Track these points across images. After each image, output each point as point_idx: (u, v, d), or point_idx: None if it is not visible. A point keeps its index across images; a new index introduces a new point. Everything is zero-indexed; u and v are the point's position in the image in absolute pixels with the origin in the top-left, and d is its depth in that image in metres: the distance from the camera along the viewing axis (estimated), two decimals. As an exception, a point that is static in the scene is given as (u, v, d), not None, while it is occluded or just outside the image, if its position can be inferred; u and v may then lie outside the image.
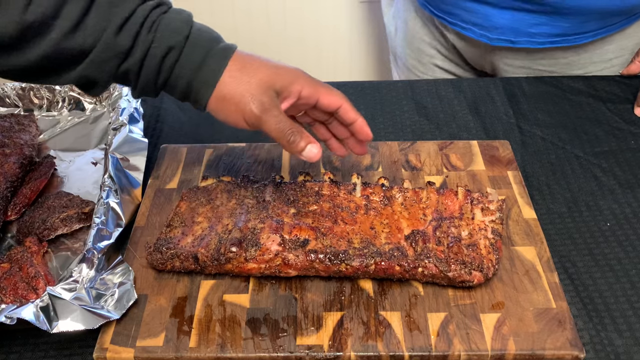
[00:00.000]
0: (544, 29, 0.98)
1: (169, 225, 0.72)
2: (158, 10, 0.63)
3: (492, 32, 1.01)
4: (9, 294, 0.66)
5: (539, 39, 1.00)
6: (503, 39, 1.01)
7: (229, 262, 0.67)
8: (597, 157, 0.87)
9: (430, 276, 0.66)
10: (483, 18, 1.00)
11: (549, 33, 0.99)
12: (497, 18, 0.99)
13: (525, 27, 0.98)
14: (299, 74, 0.65)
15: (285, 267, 0.67)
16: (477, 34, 1.03)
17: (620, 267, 0.72)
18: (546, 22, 0.97)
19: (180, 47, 0.62)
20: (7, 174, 0.78)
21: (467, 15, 1.01)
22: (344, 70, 1.89)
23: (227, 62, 0.63)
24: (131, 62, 0.62)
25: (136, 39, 0.62)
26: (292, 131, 0.63)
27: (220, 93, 0.63)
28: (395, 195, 0.75)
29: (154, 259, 0.69)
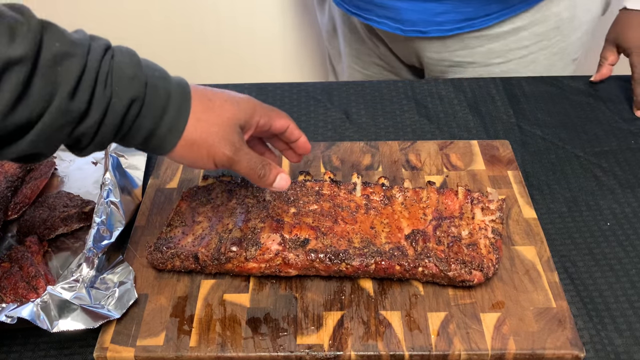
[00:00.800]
0: (450, 16, 1.02)
1: (169, 224, 0.72)
2: (107, 57, 0.55)
3: (404, 24, 1.05)
4: (10, 294, 0.66)
5: (446, 26, 1.03)
6: (414, 30, 1.05)
7: (229, 261, 0.67)
8: (597, 157, 0.87)
9: (430, 276, 0.66)
10: (394, 11, 1.03)
11: (454, 19, 1.02)
12: (407, 10, 1.02)
13: (432, 16, 1.02)
14: (255, 104, 0.64)
15: (286, 267, 0.67)
16: (391, 27, 1.06)
17: (621, 267, 0.72)
18: (451, 9, 1.01)
19: (141, 96, 0.56)
20: (7, 174, 0.78)
21: (379, 10, 1.05)
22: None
23: (189, 104, 0.59)
24: (88, 124, 0.54)
25: (92, 99, 0.53)
26: (262, 166, 0.63)
27: (188, 139, 0.59)
28: (395, 194, 0.75)
29: (154, 259, 0.69)
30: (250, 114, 0.63)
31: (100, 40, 0.55)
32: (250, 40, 1.78)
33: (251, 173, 0.63)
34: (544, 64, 1.08)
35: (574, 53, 1.10)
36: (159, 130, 0.57)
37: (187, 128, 0.58)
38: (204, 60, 1.79)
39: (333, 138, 0.92)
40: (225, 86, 1.02)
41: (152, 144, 0.58)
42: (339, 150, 0.86)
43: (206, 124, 0.59)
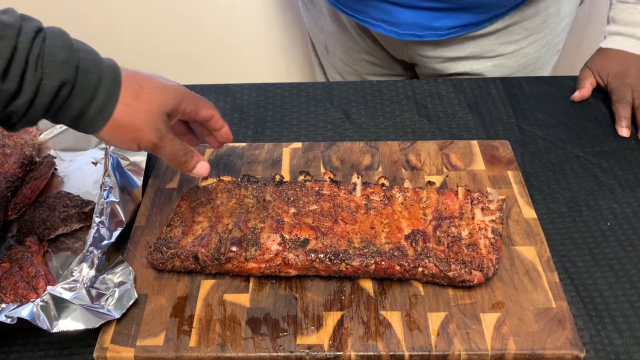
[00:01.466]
0: (446, 22, 1.04)
1: (169, 224, 0.72)
2: (38, 40, 0.56)
3: (400, 28, 1.06)
4: (9, 294, 0.66)
5: (442, 31, 1.05)
6: (410, 34, 1.06)
7: (229, 261, 0.67)
8: (597, 157, 0.87)
9: (430, 276, 0.66)
10: (390, 15, 1.05)
11: (450, 26, 1.04)
12: (403, 15, 1.04)
13: (428, 21, 1.04)
14: (183, 93, 0.66)
15: (286, 267, 0.67)
16: (387, 30, 1.07)
17: (620, 267, 0.72)
18: (447, 16, 1.03)
19: (72, 80, 0.57)
20: (7, 174, 0.78)
21: (376, 13, 1.06)
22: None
23: (119, 88, 0.60)
24: (19, 104, 0.56)
25: (23, 80, 0.55)
26: (184, 153, 0.65)
27: (116, 122, 0.61)
28: (395, 195, 0.75)
29: (154, 259, 0.69)
30: (177, 102, 0.65)
31: (32, 22, 0.57)
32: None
33: (173, 159, 0.65)
34: (533, 57, 1.11)
35: (559, 44, 1.14)
36: (88, 112, 0.59)
37: (116, 112, 0.60)
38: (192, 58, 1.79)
39: (333, 138, 0.92)
40: (225, 86, 1.03)
41: (81, 124, 0.61)
42: (339, 150, 0.86)
43: (134, 109, 0.61)
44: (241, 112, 0.97)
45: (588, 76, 1.00)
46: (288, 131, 0.93)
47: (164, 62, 1.76)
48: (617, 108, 0.94)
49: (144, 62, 1.74)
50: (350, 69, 1.27)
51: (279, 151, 0.86)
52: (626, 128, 0.92)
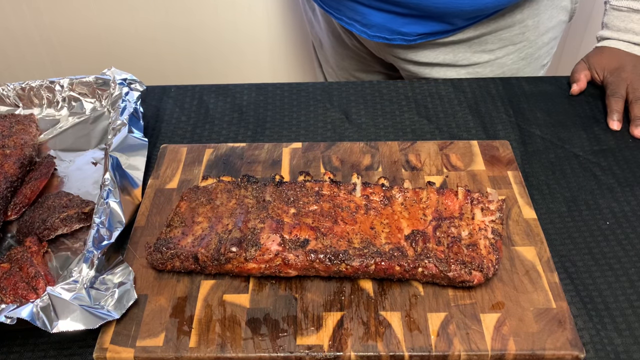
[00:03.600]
0: (415, 28, 1.04)
1: (169, 225, 0.72)
2: None
3: (370, 29, 1.07)
4: (9, 294, 0.66)
5: (410, 37, 1.06)
6: (379, 36, 1.07)
7: (229, 262, 0.67)
8: (597, 156, 0.87)
9: (430, 276, 0.66)
10: (362, 16, 1.06)
11: (419, 32, 1.05)
12: (373, 16, 1.05)
13: (397, 26, 1.05)
14: None
15: (285, 267, 0.67)
16: (358, 29, 1.09)
17: (620, 266, 0.72)
18: (416, 22, 1.03)
19: None
20: (7, 174, 0.78)
21: (349, 12, 1.07)
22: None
23: None
24: None
25: None
26: None
27: None
28: (395, 195, 0.75)
29: (154, 259, 0.69)
30: None
31: None
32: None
33: None
34: (511, 68, 1.11)
35: (542, 59, 1.14)
36: None
37: None
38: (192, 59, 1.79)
39: (333, 138, 0.92)
40: (225, 86, 1.03)
41: None
42: (338, 150, 0.86)
43: None
44: (241, 112, 0.97)
45: (582, 69, 1.01)
46: (288, 131, 0.93)
47: (164, 61, 1.77)
48: (609, 101, 0.94)
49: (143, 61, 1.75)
50: (339, 64, 1.29)
51: (279, 151, 0.86)
52: (617, 121, 0.92)
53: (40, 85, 0.95)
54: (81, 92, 0.96)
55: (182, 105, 0.99)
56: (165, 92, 1.02)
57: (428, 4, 0.98)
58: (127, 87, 0.91)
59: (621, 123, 0.92)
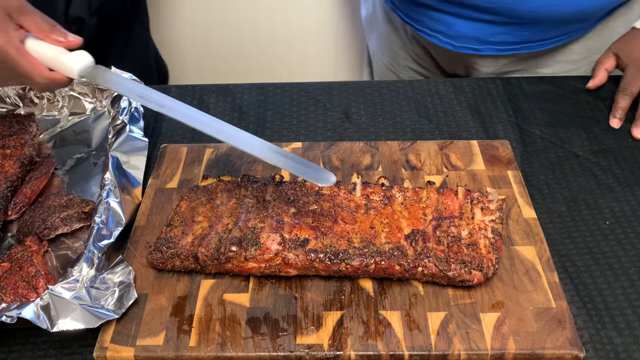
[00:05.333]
0: (506, 37, 1.01)
1: (169, 224, 0.72)
2: None
3: (456, 40, 1.04)
4: (10, 293, 0.66)
5: (501, 47, 1.03)
6: (467, 47, 1.04)
7: (229, 261, 0.67)
8: (596, 156, 0.88)
9: (430, 275, 0.66)
10: (447, 26, 1.03)
11: (510, 41, 1.01)
12: (461, 27, 1.02)
13: (487, 36, 1.01)
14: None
15: (285, 267, 0.67)
16: (442, 41, 1.05)
17: (620, 266, 0.72)
18: (507, 31, 1.00)
19: None
20: (7, 174, 0.78)
21: (432, 24, 1.04)
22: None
23: None
24: None
25: None
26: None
27: None
28: (395, 194, 0.75)
29: (154, 258, 0.69)
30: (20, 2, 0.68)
31: None
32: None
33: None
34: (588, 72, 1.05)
35: None
36: None
37: None
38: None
39: (333, 138, 0.92)
40: (225, 86, 1.03)
41: None
42: (338, 150, 0.86)
43: None
44: (241, 112, 0.97)
45: (605, 61, 0.97)
46: (288, 131, 0.94)
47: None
48: (617, 97, 0.93)
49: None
50: (393, 76, 1.24)
51: (279, 151, 0.86)
52: (618, 119, 0.91)
53: (40, 85, 0.95)
54: (81, 92, 0.95)
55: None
56: (165, 92, 1.02)
57: (523, 9, 0.93)
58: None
59: (622, 122, 0.91)
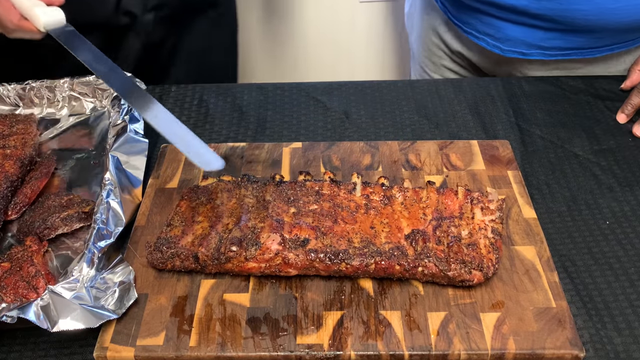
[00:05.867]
0: (557, 42, 0.99)
1: (170, 224, 0.72)
2: None
3: (504, 44, 1.02)
4: (10, 293, 0.66)
5: (551, 52, 1.01)
6: (515, 51, 1.03)
7: (229, 261, 0.67)
8: (596, 156, 0.88)
9: (430, 275, 0.66)
10: (496, 29, 1.01)
11: (561, 47, 0.99)
12: (510, 31, 1.00)
13: (537, 40, 0.99)
14: None
15: (286, 267, 0.67)
16: (490, 44, 1.04)
17: (620, 266, 0.72)
18: (559, 37, 0.98)
19: None
20: (7, 174, 0.78)
21: (481, 26, 1.03)
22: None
23: None
24: None
25: None
26: None
27: None
28: (395, 194, 0.75)
29: (154, 258, 0.69)
30: None
31: None
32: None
33: None
34: None
35: None
36: None
37: None
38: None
39: (333, 138, 0.92)
40: (225, 86, 1.03)
41: None
42: (339, 150, 0.86)
43: None
44: (241, 112, 0.97)
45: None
46: (288, 131, 0.94)
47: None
48: (632, 93, 0.92)
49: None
50: (427, 77, 1.23)
51: (279, 151, 0.86)
52: (625, 115, 0.91)
53: (40, 85, 0.95)
54: (81, 92, 0.96)
55: (182, 105, 0.99)
56: (165, 92, 1.02)
57: (577, 17, 0.91)
58: (127, 87, 0.91)
59: (629, 118, 0.90)
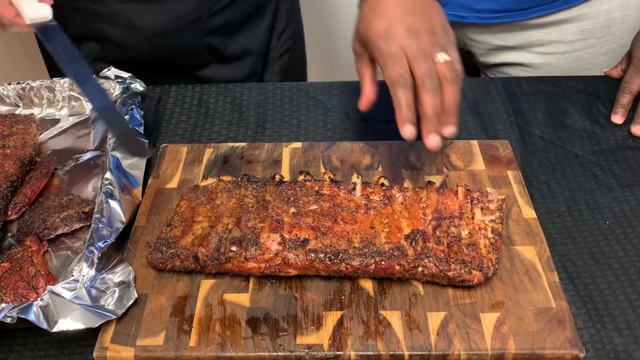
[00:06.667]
0: (488, 4, 1.02)
1: (169, 224, 0.72)
2: None
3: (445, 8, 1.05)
4: (9, 293, 0.66)
5: (485, 15, 1.03)
6: (453, 14, 1.06)
7: (229, 261, 0.67)
8: (596, 156, 0.88)
9: (430, 275, 0.66)
10: None
11: (492, 9, 1.02)
12: None
13: (470, 3, 1.02)
14: None
15: (285, 267, 0.67)
16: None
17: (619, 266, 0.72)
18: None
19: None
20: (7, 174, 0.78)
21: None
22: None
23: None
24: None
25: None
26: None
27: None
28: (395, 194, 0.75)
29: (154, 259, 0.69)
30: None
31: None
32: None
33: None
34: (588, 62, 1.05)
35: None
36: None
37: None
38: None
39: (333, 138, 0.92)
40: (225, 86, 1.03)
41: None
42: (339, 150, 0.86)
43: None
44: (241, 112, 0.97)
45: (622, 61, 0.96)
46: (288, 131, 0.94)
47: None
48: (618, 95, 0.93)
49: None
50: None
51: (279, 151, 0.86)
52: (620, 116, 0.91)
53: (40, 85, 0.95)
54: (81, 92, 0.95)
55: (182, 105, 0.99)
56: (165, 92, 1.02)
57: None
58: (126, 87, 0.92)
59: (624, 118, 0.91)
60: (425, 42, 0.68)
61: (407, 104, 0.67)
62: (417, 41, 0.67)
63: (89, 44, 1.08)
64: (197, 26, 1.05)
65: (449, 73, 0.67)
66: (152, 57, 1.07)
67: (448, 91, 0.67)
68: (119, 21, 1.03)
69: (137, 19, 1.02)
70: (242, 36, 1.14)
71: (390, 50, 0.68)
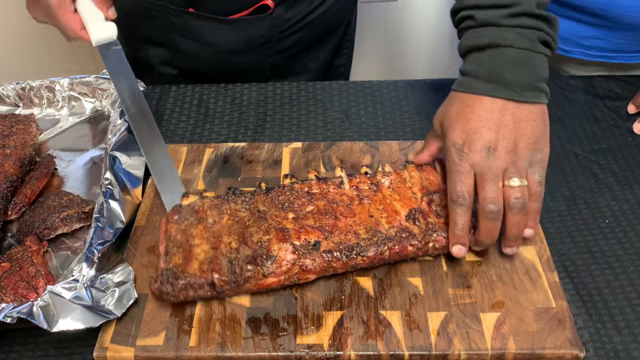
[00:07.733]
0: (598, 42, 0.97)
1: (167, 252, 0.67)
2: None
3: None
4: (9, 293, 0.66)
5: (592, 52, 0.98)
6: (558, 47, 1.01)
7: (247, 281, 0.65)
8: (596, 155, 0.88)
9: (441, 248, 0.68)
10: None
11: (602, 47, 0.97)
12: None
13: (577, 38, 0.97)
14: None
15: (304, 273, 0.66)
16: None
17: (619, 265, 0.72)
18: (600, 36, 0.95)
19: None
20: (7, 174, 0.78)
21: None
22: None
23: None
24: None
25: None
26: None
27: None
28: (381, 180, 0.75)
29: (164, 293, 0.64)
30: None
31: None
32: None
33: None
34: None
35: None
36: None
37: None
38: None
39: (333, 138, 0.92)
40: (225, 86, 1.03)
41: None
42: (339, 150, 0.86)
43: None
44: (241, 112, 0.97)
45: None
46: (288, 131, 0.94)
47: None
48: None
49: None
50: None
51: (279, 151, 0.86)
52: (636, 107, 0.91)
53: (40, 85, 0.95)
54: (81, 92, 0.96)
55: (182, 105, 0.99)
56: (165, 92, 1.02)
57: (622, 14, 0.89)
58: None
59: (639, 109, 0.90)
60: (499, 163, 0.64)
61: (462, 225, 0.65)
62: (490, 161, 0.64)
63: (158, 49, 1.10)
64: (265, 47, 1.08)
65: (515, 201, 0.63)
66: (216, 69, 1.10)
67: (510, 219, 0.64)
68: (192, 35, 1.05)
69: (209, 36, 1.04)
70: (307, 56, 1.17)
71: (460, 165, 0.65)
